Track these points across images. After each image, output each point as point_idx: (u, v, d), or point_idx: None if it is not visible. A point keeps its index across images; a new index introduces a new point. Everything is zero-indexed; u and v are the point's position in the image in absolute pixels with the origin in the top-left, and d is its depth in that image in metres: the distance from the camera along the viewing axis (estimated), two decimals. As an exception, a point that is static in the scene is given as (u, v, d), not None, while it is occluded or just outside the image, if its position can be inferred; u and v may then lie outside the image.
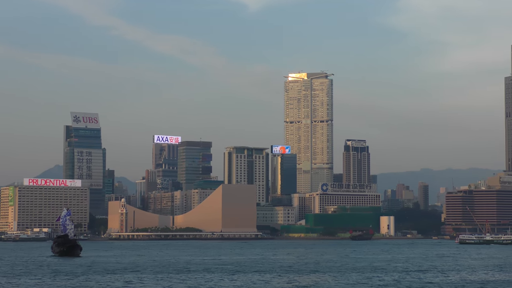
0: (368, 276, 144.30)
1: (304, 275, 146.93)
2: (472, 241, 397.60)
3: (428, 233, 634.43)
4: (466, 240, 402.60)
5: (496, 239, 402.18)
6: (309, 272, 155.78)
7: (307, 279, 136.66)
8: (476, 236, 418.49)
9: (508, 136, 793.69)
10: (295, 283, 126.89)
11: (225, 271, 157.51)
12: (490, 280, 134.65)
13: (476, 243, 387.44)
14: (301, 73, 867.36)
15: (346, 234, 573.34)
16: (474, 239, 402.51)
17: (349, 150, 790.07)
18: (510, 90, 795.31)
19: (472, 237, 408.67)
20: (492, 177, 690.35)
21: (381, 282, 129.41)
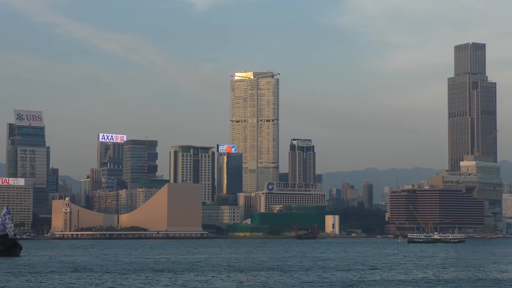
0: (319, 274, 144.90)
1: (248, 273, 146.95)
2: (420, 240, 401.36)
3: (372, 232, 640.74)
4: (415, 239, 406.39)
5: (444, 238, 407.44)
6: (255, 271, 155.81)
7: (252, 278, 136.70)
8: (424, 235, 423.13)
9: (451, 136, 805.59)
10: (241, 282, 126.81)
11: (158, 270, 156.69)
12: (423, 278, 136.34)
13: (424, 242, 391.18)
14: (247, 72, 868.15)
15: (291, 233, 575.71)
16: (423, 237, 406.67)
17: (295, 150, 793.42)
18: (453, 91, 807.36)
19: (420, 236, 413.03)
20: (435, 177, 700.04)
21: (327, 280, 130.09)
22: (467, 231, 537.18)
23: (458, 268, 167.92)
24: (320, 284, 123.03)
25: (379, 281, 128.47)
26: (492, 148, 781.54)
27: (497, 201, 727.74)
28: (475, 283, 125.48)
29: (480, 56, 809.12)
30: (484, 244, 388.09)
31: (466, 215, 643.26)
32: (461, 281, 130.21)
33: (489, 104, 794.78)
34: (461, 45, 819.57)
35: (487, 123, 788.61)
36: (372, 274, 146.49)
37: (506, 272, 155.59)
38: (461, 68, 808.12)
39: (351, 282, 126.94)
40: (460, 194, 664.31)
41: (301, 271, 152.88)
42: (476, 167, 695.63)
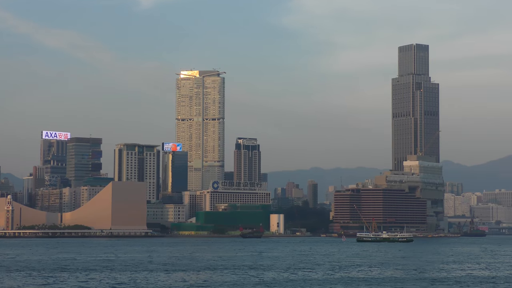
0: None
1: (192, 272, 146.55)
2: (369, 239, 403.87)
3: (317, 231, 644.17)
4: (363, 238, 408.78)
5: (392, 237, 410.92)
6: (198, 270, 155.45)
7: (195, 276, 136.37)
8: (373, 234, 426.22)
9: (394, 136, 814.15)
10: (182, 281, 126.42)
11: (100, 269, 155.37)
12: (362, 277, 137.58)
13: (373, 241, 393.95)
14: (193, 70, 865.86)
15: (236, 232, 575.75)
16: (371, 236, 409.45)
17: (240, 148, 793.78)
18: (397, 92, 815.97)
19: (369, 235, 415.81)
20: (379, 176, 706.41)
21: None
22: (410, 230, 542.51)
23: (394, 267, 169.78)
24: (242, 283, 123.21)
25: (316, 280, 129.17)
26: (434, 149, 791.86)
27: (439, 200, 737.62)
28: (413, 282, 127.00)
29: (424, 57, 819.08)
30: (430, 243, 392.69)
31: (409, 215, 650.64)
32: (393, 279, 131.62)
33: (432, 104, 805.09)
34: (405, 46, 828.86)
35: (430, 124, 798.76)
36: (309, 272, 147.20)
37: (447, 270, 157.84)
38: (405, 69, 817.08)
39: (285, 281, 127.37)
40: (403, 194, 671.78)
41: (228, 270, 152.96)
42: (419, 167, 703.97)
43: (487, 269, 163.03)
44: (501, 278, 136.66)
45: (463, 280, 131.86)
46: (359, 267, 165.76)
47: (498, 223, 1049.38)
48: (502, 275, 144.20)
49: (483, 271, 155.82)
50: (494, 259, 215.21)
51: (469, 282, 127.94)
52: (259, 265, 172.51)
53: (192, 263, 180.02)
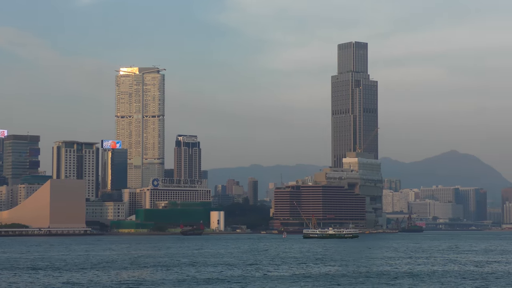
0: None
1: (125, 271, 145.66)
2: (315, 235, 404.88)
3: (257, 228, 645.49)
4: (310, 234, 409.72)
5: (338, 233, 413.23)
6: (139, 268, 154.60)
7: (128, 275, 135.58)
8: (319, 230, 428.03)
9: (334, 133, 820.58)
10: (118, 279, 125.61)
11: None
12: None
13: (319, 237, 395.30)
14: (132, 67, 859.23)
15: (177, 229, 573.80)
16: (318, 233, 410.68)
17: (181, 146, 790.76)
18: (336, 89, 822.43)
19: (316, 232, 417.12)
20: (318, 173, 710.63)
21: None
22: (349, 226, 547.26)
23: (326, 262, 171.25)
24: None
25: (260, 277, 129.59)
26: (373, 146, 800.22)
27: (377, 197, 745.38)
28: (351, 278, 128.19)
29: (362, 55, 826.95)
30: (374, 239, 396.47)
31: (348, 211, 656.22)
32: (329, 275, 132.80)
33: (371, 102, 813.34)
34: (344, 44, 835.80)
35: (368, 121, 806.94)
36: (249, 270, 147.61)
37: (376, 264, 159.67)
38: (344, 67, 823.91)
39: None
40: (343, 190, 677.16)
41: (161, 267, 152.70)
42: (358, 163, 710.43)
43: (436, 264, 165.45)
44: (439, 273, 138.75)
45: (406, 276, 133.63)
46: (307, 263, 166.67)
47: (435, 219, 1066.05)
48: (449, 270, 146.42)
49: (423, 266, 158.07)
50: (446, 254, 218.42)
51: (406, 276, 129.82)
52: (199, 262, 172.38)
53: (128, 261, 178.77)
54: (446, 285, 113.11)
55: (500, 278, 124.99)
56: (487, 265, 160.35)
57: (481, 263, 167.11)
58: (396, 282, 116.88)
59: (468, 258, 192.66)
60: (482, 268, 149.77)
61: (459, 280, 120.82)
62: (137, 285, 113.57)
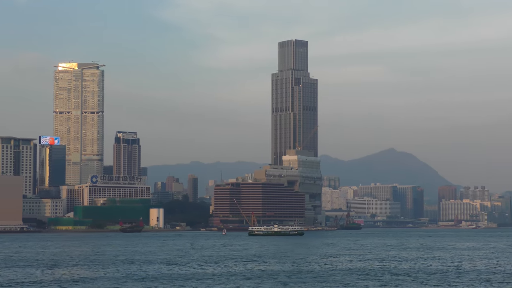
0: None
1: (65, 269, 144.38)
2: (261, 232, 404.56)
3: (197, 225, 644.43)
4: (255, 231, 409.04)
5: (283, 230, 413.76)
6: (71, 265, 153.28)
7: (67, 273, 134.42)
8: (265, 227, 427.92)
9: (274, 131, 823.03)
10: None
11: None
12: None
13: (265, 235, 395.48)
14: (71, 63, 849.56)
15: (115, 227, 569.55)
16: (263, 230, 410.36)
17: (120, 142, 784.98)
18: (277, 87, 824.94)
19: (261, 229, 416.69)
20: (258, 171, 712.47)
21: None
22: (289, 223, 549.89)
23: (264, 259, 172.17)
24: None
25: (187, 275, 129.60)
26: (313, 143, 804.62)
27: (317, 194, 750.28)
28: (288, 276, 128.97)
29: (303, 53, 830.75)
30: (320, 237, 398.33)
31: (287, 208, 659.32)
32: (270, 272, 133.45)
33: (311, 100, 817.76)
34: (284, 41, 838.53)
35: (308, 119, 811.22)
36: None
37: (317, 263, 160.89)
38: (284, 65, 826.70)
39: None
40: (282, 188, 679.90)
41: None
42: (298, 161, 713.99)
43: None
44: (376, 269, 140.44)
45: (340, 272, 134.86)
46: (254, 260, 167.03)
47: (373, 216, 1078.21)
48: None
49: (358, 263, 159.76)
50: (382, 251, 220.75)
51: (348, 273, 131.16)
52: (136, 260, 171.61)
53: (61, 259, 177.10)
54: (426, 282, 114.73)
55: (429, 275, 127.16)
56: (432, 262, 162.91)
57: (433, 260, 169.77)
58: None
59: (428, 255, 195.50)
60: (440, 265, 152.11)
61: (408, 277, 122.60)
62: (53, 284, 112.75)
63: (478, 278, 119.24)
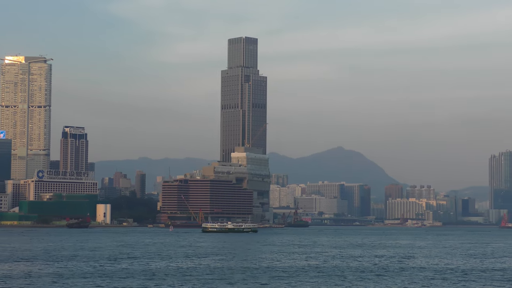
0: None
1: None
2: (214, 229, 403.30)
3: (144, 221, 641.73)
4: (209, 228, 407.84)
5: (237, 227, 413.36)
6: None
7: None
8: (218, 224, 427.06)
9: (223, 128, 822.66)
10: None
11: None
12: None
13: (218, 231, 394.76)
14: (18, 56, 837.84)
15: (62, 222, 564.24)
16: (217, 227, 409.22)
17: (67, 137, 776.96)
18: (226, 83, 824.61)
19: (215, 226, 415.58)
20: (207, 167, 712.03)
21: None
22: (236, 220, 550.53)
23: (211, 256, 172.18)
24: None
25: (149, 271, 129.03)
26: (261, 141, 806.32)
27: (265, 192, 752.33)
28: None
29: (253, 50, 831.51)
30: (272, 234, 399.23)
31: (235, 205, 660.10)
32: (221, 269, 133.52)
33: (260, 97, 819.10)
34: (234, 38, 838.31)
35: (257, 116, 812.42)
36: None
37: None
38: (234, 62, 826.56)
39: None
40: (231, 185, 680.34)
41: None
42: (246, 158, 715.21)
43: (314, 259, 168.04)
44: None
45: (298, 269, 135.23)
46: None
47: (321, 214, 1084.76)
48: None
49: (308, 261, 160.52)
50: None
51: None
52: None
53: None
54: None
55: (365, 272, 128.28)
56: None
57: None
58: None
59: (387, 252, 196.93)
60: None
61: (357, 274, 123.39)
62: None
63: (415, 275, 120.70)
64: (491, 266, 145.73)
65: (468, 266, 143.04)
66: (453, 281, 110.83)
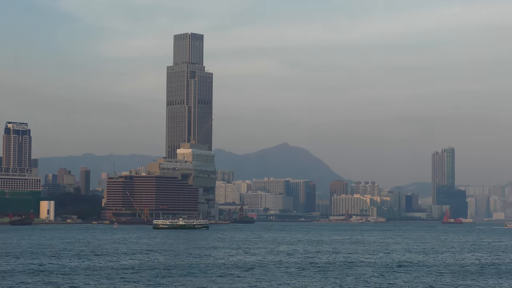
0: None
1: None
2: (166, 226, 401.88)
3: (89, 218, 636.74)
4: (160, 225, 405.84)
5: (188, 223, 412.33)
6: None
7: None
8: (170, 220, 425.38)
9: (168, 124, 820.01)
10: None
11: None
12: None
13: (170, 228, 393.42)
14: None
15: (5, 219, 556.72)
16: (168, 223, 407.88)
17: (10, 133, 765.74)
18: (172, 80, 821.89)
19: (166, 222, 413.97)
20: (152, 164, 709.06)
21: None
22: (182, 217, 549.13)
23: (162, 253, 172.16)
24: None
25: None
26: (207, 137, 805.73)
27: (210, 188, 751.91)
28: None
29: (198, 46, 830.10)
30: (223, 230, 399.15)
31: (181, 202, 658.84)
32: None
33: (206, 93, 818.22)
34: (180, 34, 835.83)
35: (203, 112, 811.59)
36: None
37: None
38: (180, 58, 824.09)
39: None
40: (176, 181, 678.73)
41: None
42: (192, 154, 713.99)
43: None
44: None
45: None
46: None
47: (266, 210, 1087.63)
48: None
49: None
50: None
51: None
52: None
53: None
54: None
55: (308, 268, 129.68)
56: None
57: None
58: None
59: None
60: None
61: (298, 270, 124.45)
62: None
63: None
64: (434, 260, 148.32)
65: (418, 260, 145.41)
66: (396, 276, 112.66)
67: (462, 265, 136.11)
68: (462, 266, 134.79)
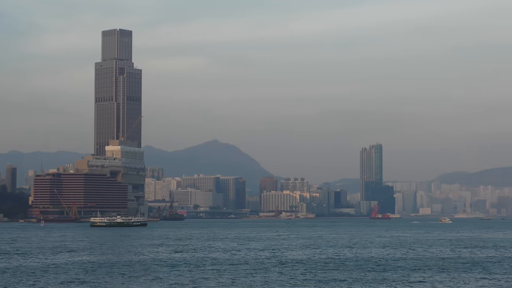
0: None
1: None
2: (103, 223, 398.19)
3: (15, 216, 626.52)
4: (97, 222, 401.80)
5: (126, 221, 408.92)
6: None
7: None
8: (107, 218, 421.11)
9: (97, 121, 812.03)
10: None
11: None
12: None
13: (107, 226, 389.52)
14: None
15: None
16: (106, 221, 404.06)
17: None
18: (100, 76, 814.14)
19: (103, 220, 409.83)
20: (80, 161, 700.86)
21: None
22: (111, 214, 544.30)
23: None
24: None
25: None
26: (136, 134, 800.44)
27: (140, 185, 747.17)
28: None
29: (127, 42, 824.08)
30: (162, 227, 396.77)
31: (110, 199, 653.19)
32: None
33: (135, 90, 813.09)
34: (108, 30, 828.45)
35: (132, 109, 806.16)
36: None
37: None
38: (108, 54, 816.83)
39: None
40: (105, 179, 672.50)
41: None
42: (121, 151, 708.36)
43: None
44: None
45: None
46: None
47: (196, 207, 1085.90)
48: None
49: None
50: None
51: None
52: None
53: None
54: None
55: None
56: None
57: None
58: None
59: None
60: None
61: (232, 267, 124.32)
62: None
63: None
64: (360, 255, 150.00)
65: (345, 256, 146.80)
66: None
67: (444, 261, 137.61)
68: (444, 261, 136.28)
